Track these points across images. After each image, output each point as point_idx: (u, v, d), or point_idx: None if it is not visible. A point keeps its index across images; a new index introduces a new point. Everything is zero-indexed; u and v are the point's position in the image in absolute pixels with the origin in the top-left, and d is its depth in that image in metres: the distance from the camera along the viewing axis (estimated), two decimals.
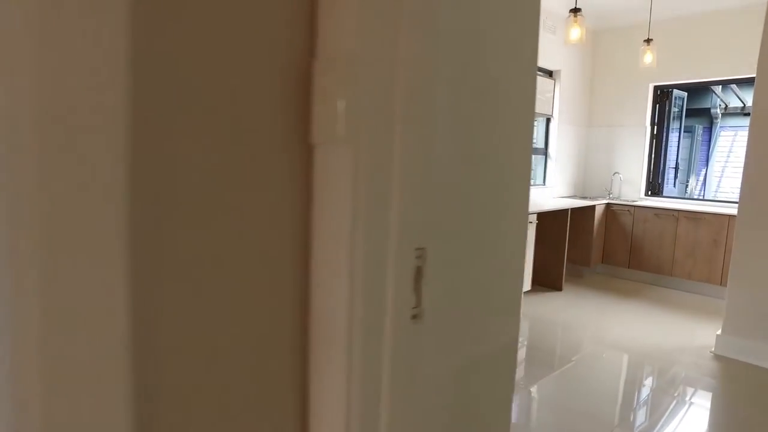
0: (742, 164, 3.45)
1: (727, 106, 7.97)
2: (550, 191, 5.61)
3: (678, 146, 5.90)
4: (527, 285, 4.32)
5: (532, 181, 5.67)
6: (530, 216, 4.18)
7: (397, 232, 0.67)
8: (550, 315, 4.16)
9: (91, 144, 0.48)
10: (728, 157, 8.16)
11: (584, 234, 5.28)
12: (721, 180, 8.23)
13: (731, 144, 8.12)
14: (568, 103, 5.67)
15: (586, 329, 3.85)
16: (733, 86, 7.38)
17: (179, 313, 0.54)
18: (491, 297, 0.95)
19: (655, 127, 5.69)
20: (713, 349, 3.44)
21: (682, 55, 5.27)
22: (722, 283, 4.72)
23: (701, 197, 8.12)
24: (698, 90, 7.59)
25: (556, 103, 5.53)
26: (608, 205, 5.42)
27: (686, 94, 5.95)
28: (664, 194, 5.77)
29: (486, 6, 0.80)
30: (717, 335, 3.44)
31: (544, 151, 5.63)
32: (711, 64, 5.10)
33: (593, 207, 5.19)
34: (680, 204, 5.22)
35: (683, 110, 5.95)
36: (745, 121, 8.60)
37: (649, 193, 5.76)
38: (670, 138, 5.71)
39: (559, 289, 4.88)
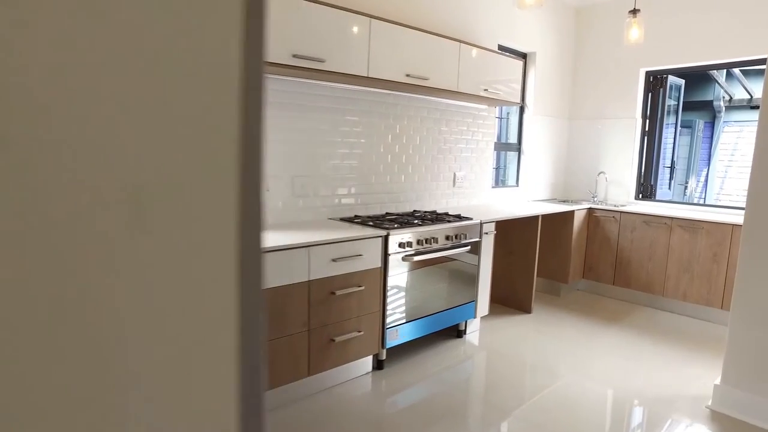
0: (749, 164, 2.67)
1: (731, 97, 7.16)
2: (524, 194, 4.82)
3: (675, 142, 5.09)
4: (484, 308, 3.54)
5: (500, 182, 4.93)
6: (487, 225, 3.40)
7: None
8: (512, 345, 3.38)
9: None
10: (732, 155, 7.35)
11: (562, 244, 4.50)
12: (724, 182, 7.43)
13: (736, 141, 7.30)
14: (545, 92, 4.88)
15: (554, 365, 3.07)
16: (739, 74, 6.57)
17: None
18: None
19: (648, 119, 4.89)
20: (710, 404, 2.65)
21: (678, 35, 4.47)
22: (723, 306, 3.94)
23: (701, 201, 7.31)
24: (698, 79, 6.77)
25: (530, 90, 4.73)
26: (590, 210, 4.63)
27: (684, 81, 5.14)
28: (657, 198, 4.98)
29: None
30: (715, 385, 2.66)
31: (517, 147, 4.85)
32: (713, 45, 4.29)
33: (572, 213, 4.40)
34: (674, 210, 4.43)
35: (680, 100, 5.14)
36: (753, 115, 7.80)
37: (641, 196, 4.97)
38: (664, 133, 4.91)
39: (527, 311, 4.10)
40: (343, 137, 3.16)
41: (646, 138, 4.91)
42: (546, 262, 4.63)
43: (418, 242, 2.92)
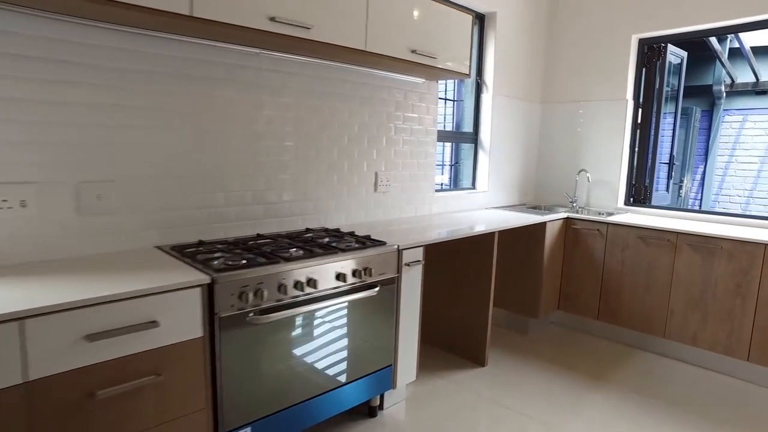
0: (752, 159, 1.52)
1: (733, 81, 6.11)
2: (483, 199, 3.67)
3: (674, 133, 3.99)
4: (409, 372, 2.39)
5: (447, 183, 3.79)
6: (411, 252, 2.24)
7: None
8: (452, 423, 2.24)
9: None
10: (734, 149, 6.31)
11: (531, 267, 3.36)
12: (723, 180, 6.39)
13: (738, 132, 6.26)
14: (510, 65, 3.73)
15: None
16: (749, 51, 5.51)
17: None
18: None
19: (642, 103, 3.78)
20: None
21: None
22: (751, 357, 2.85)
23: (697, 203, 6.26)
24: (695, 60, 5.70)
25: (489, 63, 3.58)
26: (568, 221, 3.50)
27: (686, 55, 4.04)
28: (653, 203, 3.87)
29: None
30: None
31: (473, 138, 3.69)
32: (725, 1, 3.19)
33: (543, 225, 3.27)
34: (679, 221, 3.33)
35: (681, 81, 4.03)
36: (758, 102, 6.78)
37: (632, 201, 3.86)
38: (662, 121, 3.80)
39: (480, 362, 2.96)
40: (181, 119, 1.97)
41: (639, 126, 3.80)
42: (510, 289, 3.49)
43: (281, 288, 1.75)
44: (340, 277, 1.94)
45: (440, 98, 3.55)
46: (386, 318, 2.19)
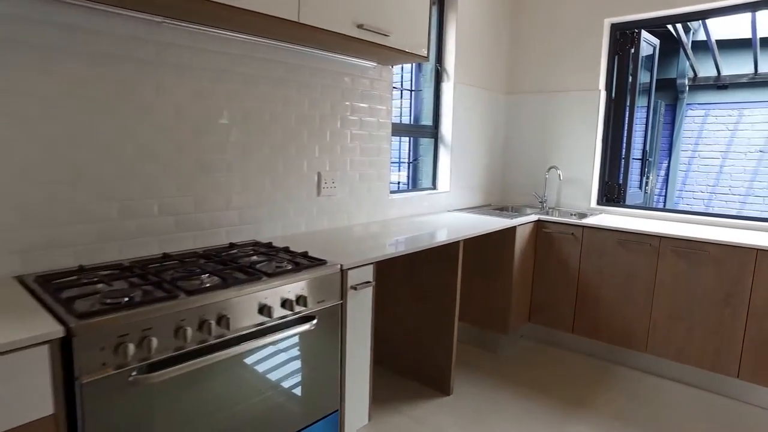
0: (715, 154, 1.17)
1: (696, 75, 5.96)
2: (445, 199, 3.28)
3: (646, 127, 3.71)
4: (360, 416, 1.96)
5: (403, 183, 3.38)
6: (357, 272, 1.81)
7: None
8: None
9: None
10: (696, 144, 6.18)
11: (499, 277, 3.00)
12: (687, 176, 6.25)
13: (701, 127, 6.13)
14: (473, 52, 3.35)
15: None
16: (714, 45, 5.34)
17: None
18: None
19: (614, 94, 3.47)
20: None
21: None
22: (741, 374, 2.56)
23: (661, 200, 6.10)
24: (660, 51, 5.50)
25: (450, 49, 3.19)
26: (539, 224, 3.15)
27: (658, 44, 3.76)
28: (627, 202, 3.58)
29: None
30: None
31: (433, 132, 3.30)
32: None
33: (512, 230, 2.90)
34: (660, 223, 3.02)
35: (654, 69, 3.76)
36: (719, 96, 6.69)
37: (605, 199, 3.55)
38: (634, 111, 3.50)
39: (445, 391, 2.56)
40: (41, 106, 1.47)
41: (611, 120, 3.49)
42: (476, 302, 3.12)
43: (179, 333, 1.29)
44: (264, 310, 1.49)
45: (396, 87, 3.14)
46: (328, 354, 1.75)
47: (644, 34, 3.41)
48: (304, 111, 2.23)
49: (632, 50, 3.38)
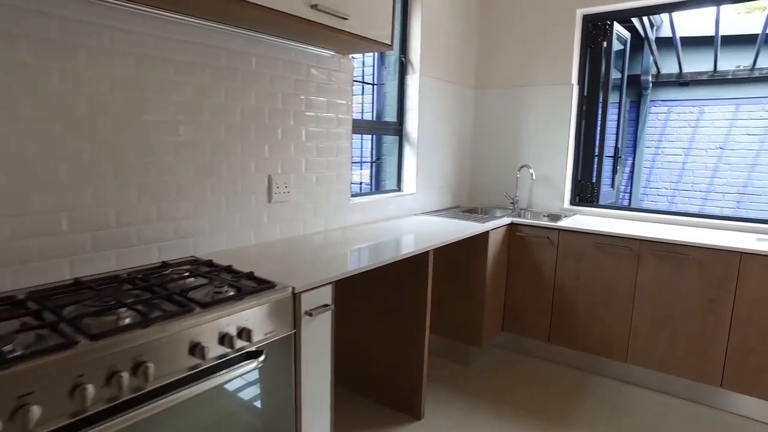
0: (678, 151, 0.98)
1: (659, 71, 5.93)
2: (411, 202, 3.04)
3: (618, 123, 3.57)
4: None
5: (369, 183, 3.13)
6: (312, 294, 1.54)
7: None
8: None
9: None
10: (660, 141, 6.16)
11: (471, 286, 2.78)
12: (651, 173, 6.23)
13: (664, 123, 6.11)
14: (440, 44, 3.12)
15: None
16: (678, 41, 5.30)
17: None
18: None
19: (587, 89, 3.31)
20: None
21: None
22: (725, 383, 2.42)
23: (626, 197, 6.06)
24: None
25: (415, 40, 2.95)
26: (512, 227, 2.95)
27: (629, 37, 3.63)
28: (600, 202, 3.43)
29: None
30: None
31: (397, 129, 3.05)
32: None
33: (485, 235, 2.69)
34: (638, 224, 2.87)
35: (626, 63, 3.62)
36: (682, 93, 6.71)
37: (578, 199, 3.39)
38: (607, 107, 3.35)
39: (416, 415, 2.32)
40: None
41: (584, 116, 3.33)
42: (446, 312, 2.89)
43: (75, 392, 0.99)
44: (197, 351, 1.20)
45: (357, 81, 2.88)
46: (281, 392, 1.48)
47: (616, 26, 3.26)
48: (250, 104, 1.93)
49: (605, 43, 3.22)
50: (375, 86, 3.08)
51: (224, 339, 1.26)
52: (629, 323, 2.64)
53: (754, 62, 5.46)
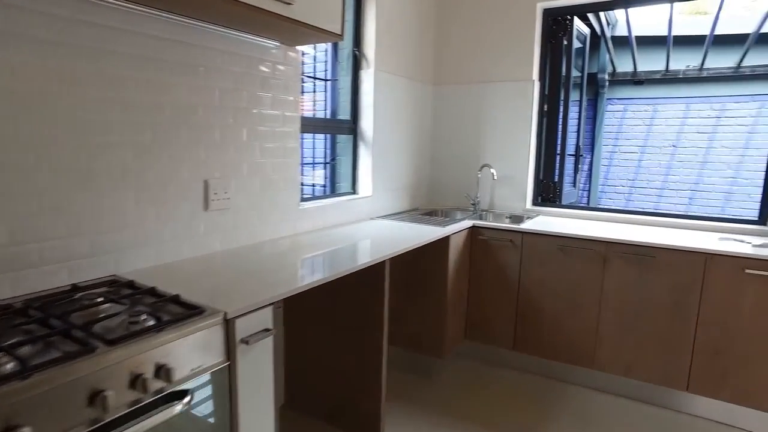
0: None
1: (615, 70, 5.96)
2: (367, 206, 2.85)
3: (579, 121, 3.50)
4: None
5: (322, 186, 2.94)
6: (257, 315, 1.33)
7: None
8: None
9: None
10: (617, 139, 6.20)
11: (431, 293, 2.62)
12: (609, 171, 6.27)
13: (620, 122, 6.15)
14: (396, 38, 2.95)
15: None
16: (634, 40, 5.31)
17: None
18: None
19: (548, 85, 3.21)
20: None
21: None
22: (691, 386, 2.35)
23: (585, 194, 6.07)
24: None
25: (369, 33, 2.76)
26: (474, 230, 2.81)
27: (589, 34, 3.55)
28: (562, 202, 3.34)
29: None
30: None
31: (351, 128, 2.86)
32: None
33: (445, 240, 2.53)
34: (603, 225, 2.78)
35: (586, 61, 3.55)
36: (637, 92, 6.78)
37: (540, 199, 3.29)
38: (569, 105, 3.26)
39: None
40: None
41: (546, 114, 3.23)
42: (406, 323, 2.73)
43: None
44: (97, 400, 0.98)
45: (309, 76, 2.68)
46: None
47: (577, 22, 3.17)
48: (181, 101, 1.70)
49: (565, 38, 3.13)
50: (327, 82, 2.89)
51: (137, 382, 1.05)
52: (596, 328, 2.54)
53: (702, 63, 5.55)
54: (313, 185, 2.96)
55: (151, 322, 1.13)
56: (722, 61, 5.59)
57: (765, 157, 5.61)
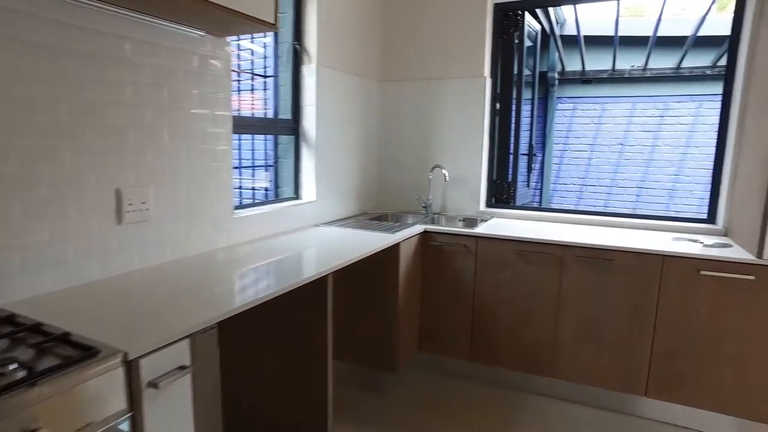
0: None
1: (564, 68, 5.98)
2: (311, 212, 2.65)
3: (532, 119, 3.42)
4: None
5: (272, 194, 2.73)
6: (168, 352, 1.12)
7: None
8: None
9: None
10: (567, 138, 6.24)
11: (381, 304, 2.45)
12: (560, 170, 6.30)
13: (570, 120, 6.19)
14: (341, 29, 2.76)
15: None
16: (582, 39, 5.33)
17: None
18: None
19: (500, 83, 3.10)
20: None
21: None
22: (648, 392, 2.29)
23: (537, 194, 6.08)
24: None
25: (311, 26, 2.56)
26: (425, 235, 2.66)
27: (540, 30, 3.48)
28: (516, 203, 3.25)
29: None
30: None
31: (292, 128, 2.65)
32: None
33: (395, 247, 2.37)
34: (559, 226, 2.69)
35: (537, 58, 3.47)
36: (585, 90, 6.85)
37: (494, 201, 3.18)
38: (521, 103, 3.17)
39: None
40: None
41: (498, 113, 3.12)
42: (356, 337, 2.55)
43: None
44: None
45: (246, 71, 2.46)
46: None
47: (528, 17, 3.08)
48: (85, 96, 1.46)
49: (516, 34, 3.03)
50: (270, 80, 2.67)
51: None
52: (554, 335, 2.44)
53: (646, 63, 5.65)
54: (253, 189, 2.74)
55: (21, 374, 0.90)
56: (664, 62, 5.71)
57: (704, 155, 5.77)
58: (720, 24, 5.01)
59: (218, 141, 1.97)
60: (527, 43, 3.29)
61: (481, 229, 2.60)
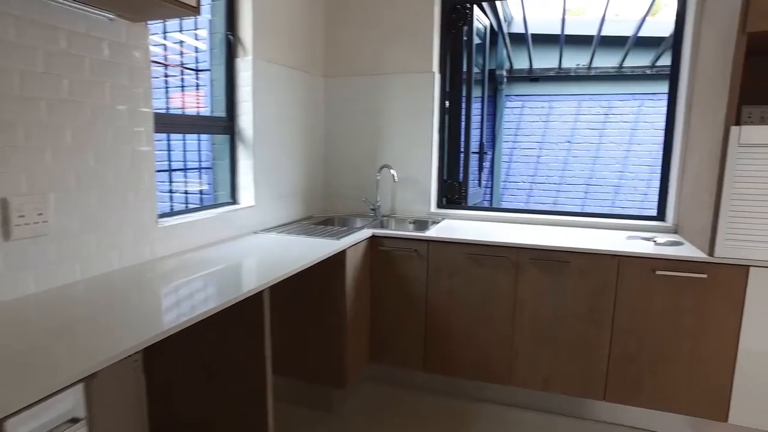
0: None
1: (512, 66, 5.98)
2: (250, 217, 2.44)
3: (482, 117, 3.32)
4: None
5: (206, 199, 2.49)
6: (57, 400, 0.90)
7: None
8: None
9: None
10: (516, 136, 6.24)
11: (327, 314, 2.27)
12: (510, 168, 6.30)
13: (519, 118, 6.20)
14: (279, 19, 2.55)
15: None
16: (529, 37, 5.32)
17: None
18: None
19: (449, 79, 2.98)
20: None
21: None
22: (606, 396, 2.22)
23: (487, 193, 6.04)
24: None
25: (246, 13, 2.35)
26: (374, 240, 2.50)
27: (488, 26, 3.39)
28: (468, 203, 3.14)
29: None
30: None
31: (227, 127, 2.42)
32: None
33: (341, 254, 2.19)
34: (513, 227, 2.59)
35: (486, 55, 3.38)
36: (534, 88, 6.90)
37: (445, 201, 3.06)
38: (471, 100, 3.06)
39: None
40: None
41: (447, 111, 3.00)
42: (301, 352, 2.36)
43: None
44: None
45: (178, 65, 2.22)
46: None
47: (477, 12, 2.97)
48: None
49: (465, 28, 2.91)
50: (199, 73, 2.44)
51: None
52: (511, 341, 2.33)
53: (591, 62, 5.72)
54: (186, 193, 2.50)
55: None
56: (607, 61, 5.80)
57: (646, 153, 5.92)
58: (657, 26, 5.14)
59: (138, 141, 1.74)
60: (476, 40, 3.19)
61: (433, 232, 2.46)
